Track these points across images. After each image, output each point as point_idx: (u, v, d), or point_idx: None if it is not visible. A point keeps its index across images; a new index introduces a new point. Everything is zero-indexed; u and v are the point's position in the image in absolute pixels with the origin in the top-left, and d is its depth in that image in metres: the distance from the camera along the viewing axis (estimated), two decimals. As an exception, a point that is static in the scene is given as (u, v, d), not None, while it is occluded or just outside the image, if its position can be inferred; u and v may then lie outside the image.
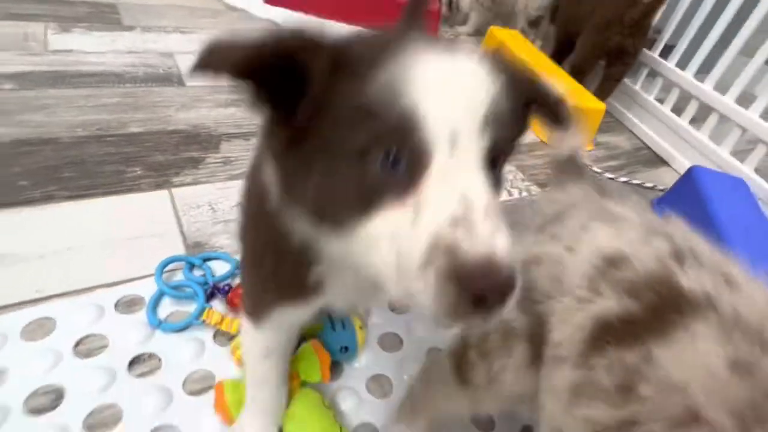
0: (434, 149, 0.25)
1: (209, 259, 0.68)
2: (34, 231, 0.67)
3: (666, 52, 1.42)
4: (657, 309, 0.39)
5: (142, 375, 0.53)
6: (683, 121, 1.33)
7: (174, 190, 0.79)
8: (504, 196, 1.03)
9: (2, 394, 0.48)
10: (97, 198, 0.74)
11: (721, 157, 1.20)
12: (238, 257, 0.68)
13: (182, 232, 0.72)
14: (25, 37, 1.12)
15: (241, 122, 1.01)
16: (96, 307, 0.58)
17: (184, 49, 1.26)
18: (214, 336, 0.59)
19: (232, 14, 1.58)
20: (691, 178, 1.05)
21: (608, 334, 0.40)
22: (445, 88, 0.26)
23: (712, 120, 1.25)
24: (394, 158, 0.25)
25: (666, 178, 1.26)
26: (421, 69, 0.25)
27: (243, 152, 0.93)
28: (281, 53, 0.25)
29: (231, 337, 0.58)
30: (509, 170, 1.11)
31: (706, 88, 1.26)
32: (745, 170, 1.14)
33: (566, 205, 0.55)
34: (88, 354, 0.54)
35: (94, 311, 0.58)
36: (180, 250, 0.69)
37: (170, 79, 1.11)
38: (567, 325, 0.42)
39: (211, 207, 0.77)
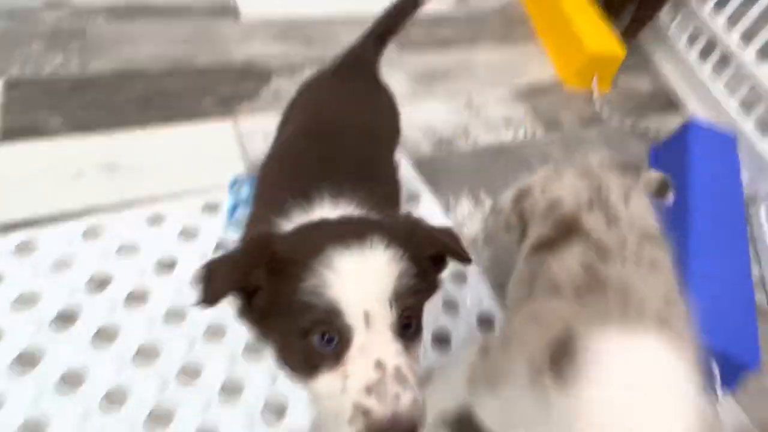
0: (354, 328, 0.35)
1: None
2: (139, 148, 0.90)
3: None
4: (561, 235, 0.60)
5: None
6: (705, 69, 1.38)
7: (237, 119, 1.00)
8: (510, 136, 1.17)
9: (136, 262, 0.75)
10: (182, 123, 0.96)
11: (731, 108, 1.28)
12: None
13: (244, 155, 0.94)
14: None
15: (287, 57, 1.18)
16: (185, 209, 0.82)
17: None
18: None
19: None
20: (685, 130, 1.16)
21: (537, 246, 0.62)
22: (357, 281, 0.35)
23: (730, 71, 1.30)
24: (328, 337, 0.35)
25: (673, 125, 1.35)
26: (337, 268, 0.35)
27: (290, 86, 1.11)
28: (240, 281, 0.37)
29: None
30: (520, 111, 1.24)
31: (732, 38, 1.29)
32: (748, 126, 1.23)
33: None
34: (188, 238, 0.79)
35: (186, 211, 0.82)
36: (242, 168, 0.91)
37: (225, 11, 1.26)
38: (529, 237, 0.65)
39: (266, 135, 0.98)
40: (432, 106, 1.18)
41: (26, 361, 0.63)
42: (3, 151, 0.84)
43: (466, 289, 0.84)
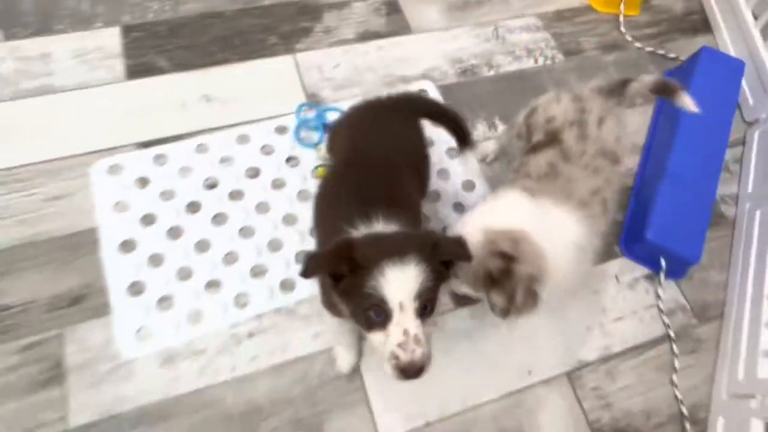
0: (393, 311, 0.57)
1: (327, 108, 1.15)
2: (225, 82, 1.17)
3: None
4: (546, 142, 0.84)
5: (293, 165, 1.07)
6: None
7: (296, 55, 1.23)
8: (531, 63, 1.32)
9: (233, 170, 1.05)
10: (257, 59, 1.21)
11: (755, 34, 1.33)
12: (341, 107, 1.14)
13: (303, 86, 1.18)
14: None
15: (336, -7, 1.35)
16: (263, 130, 1.10)
17: None
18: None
19: None
20: (697, 54, 1.26)
21: (530, 149, 0.87)
22: (397, 285, 0.56)
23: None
24: (378, 314, 0.57)
25: (696, 49, 1.42)
26: (386, 277, 0.56)
27: (338, 22, 1.30)
28: (328, 269, 0.60)
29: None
30: (543, 38, 1.37)
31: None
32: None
33: None
34: (266, 152, 1.08)
35: (263, 132, 1.10)
36: (302, 98, 1.16)
37: (283, -52, 1.42)
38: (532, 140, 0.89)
39: (319, 69, 1.21)
40: (461, 35, 1.34)
41: (173, 233, 0.97)
42: (130, 87, 1.14)
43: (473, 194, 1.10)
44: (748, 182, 1.19)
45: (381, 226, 0.65)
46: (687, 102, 0.89)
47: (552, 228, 0.74)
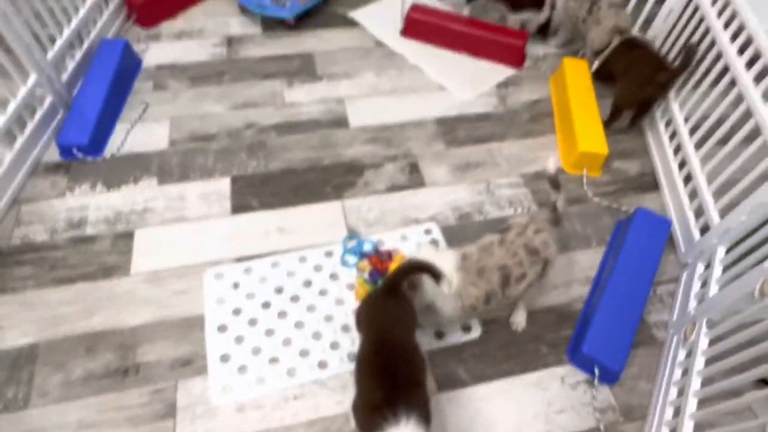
0: None
1: (364, 240, 1.67)
2: (294, 219, 1.72)
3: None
4: (501, 230, 1.36)
5: (335, 280, 1.57)
6: (674, 161, 1.87)
7: (343, 201, 1.78)
8: (510, 211, 1.81)
9: (295, 281, 1.56)
10: (316, 203, 1.77)
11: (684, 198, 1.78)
12: (374, 240, 1.66)
13: (346, 224, 1.72)
14: (273, 94, 2.16)
15: (373, 157, 1.94)
16: (316, 254, 1.62)
17: (350, 93, 2.18)
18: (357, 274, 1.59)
19: (378, 50, 2.41)
20: (634, 213, 1.71)
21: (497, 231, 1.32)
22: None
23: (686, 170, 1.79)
24: None
25: (645, 203, 1.87)
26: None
27: (374, 177, 1.87)
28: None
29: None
30: (523, 193, 1.87)
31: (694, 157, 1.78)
32: (689, 214, 1.72)
33: None
34: (317, 270, 1.59)
35: (317, 255, 1.62)
36: (345, 232, 1.69)
37: (341, 123, 2.06)
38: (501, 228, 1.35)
39: (358, 211, 1.76)
40: (461, 189, 1.86)
41: (251, 322, 1.47)
42: (234, 219, 1.72)
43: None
44: (674, 313, 1.56)
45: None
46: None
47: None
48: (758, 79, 1.51)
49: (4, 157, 1.68)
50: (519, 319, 1.52)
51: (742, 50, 1.60)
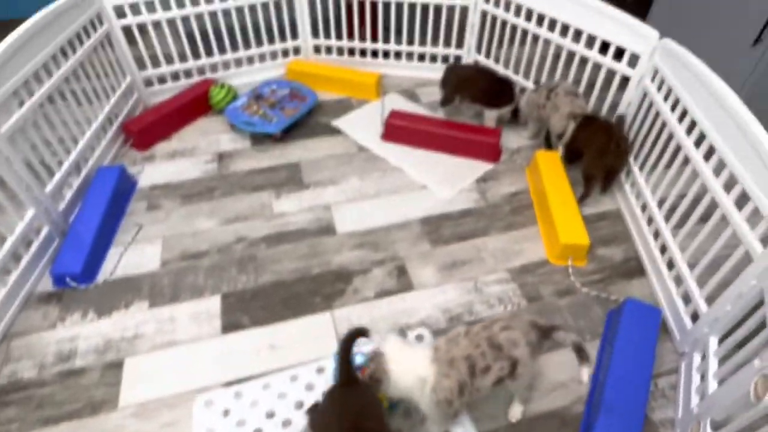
0: None
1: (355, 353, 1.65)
2: (285, 333, 1.72)
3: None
4: (466, 329, 1.29)
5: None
6: (656, 248, 1.91)
7: (333, 311, 1.79)
8: (501, 309, 1.81)
9: (286, 403, 1.52)
10: (307, 315, 1.78)
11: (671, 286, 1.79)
12: (365, 352, 1.64)
13: (337, 335, 1.71)
14: (262, 206, 2.24)
15: (361, 262, 1.98)
16: (308, 371, 1.60)
17: (336, 199, 2.27)
18: (349, 385, 1.56)
19: (361, 155, 2.54)
20: (624, 303, 1.71)
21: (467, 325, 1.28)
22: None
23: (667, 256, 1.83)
24: None
25: (633, 290, 1.88)
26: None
27: (363, 284, 1.89)
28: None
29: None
30: (511, 288, 1.88)
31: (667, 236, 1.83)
32: (676, 297, 1.73)
33: None
34: (309, 389, 1.56)
35: (308, 372, 1.59)
36: (335, 343, 1.68)
37: (328, 230, 2.12)
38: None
39: (348, 320, 1.76)
40: (449, 290, 1.88)
41: (242, 453, 1.41)
42: (225, 339, 1.71)
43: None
44: (678, 409, 1.51)
45: None
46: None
47: (411, 366, 1.26)
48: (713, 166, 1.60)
49: (-3, 294, 1.71)
50: (514, 411, 1.50)
51: (698, 143, 1.71)
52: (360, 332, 1.23)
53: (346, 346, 1.21)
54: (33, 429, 1.47)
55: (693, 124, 1.73)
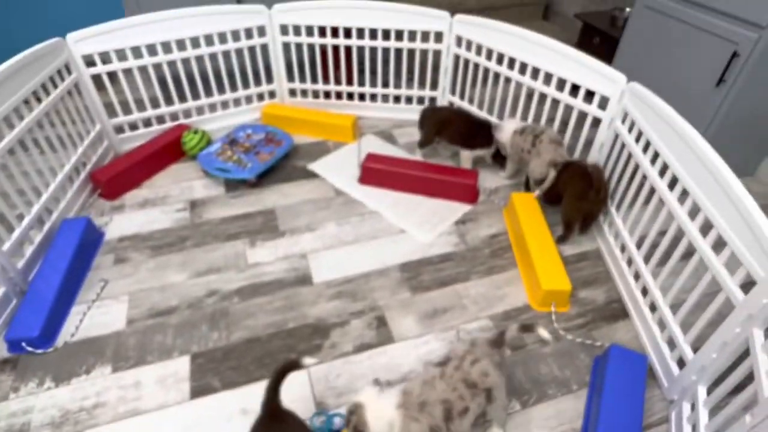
0: None
1: (333, 414, 1.56)
2: (257, 396, 1.62)
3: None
4: (442, 362, 1.28)
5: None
6: (638, 289, 1.89)
7: (309, 370, 1.70)
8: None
9: None
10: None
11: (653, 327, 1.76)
12: (344, 413, 1.55)
13: (313, 395, 1.62)
14: (236, 255, 2.17)
15: (339, 314, 1.90)
16: None
17: (313, 247, 2.21)
18: (327, 452, 1.46)
19: (339, 199, 2.50)
20: (609, 350, 1.67)
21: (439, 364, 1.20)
22: None
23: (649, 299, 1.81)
24: None
25: (618, 334, 1.84)
26: None
27: (341, 338, 1.81)
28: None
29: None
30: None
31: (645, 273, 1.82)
32: (660, 340, 1.70)
33: None
34: (283, 459, 1.45)
35: None
36: (313, 405, 1.58)
37: (305, 280, 2.05)
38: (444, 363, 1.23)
39: (326, 379, 1.67)
40: (431, 340, 1.81)
41: None
42: (193, 405, 1.60)
43: None
44: (672, 463, 1.45)
45: None
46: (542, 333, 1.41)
47: (381, 412, 1.26)
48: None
49: (-57, 365, 1.58)
50: None
51: (666, 180, 1.72)
52: (294, 365, 1.30)
53: (278, 377, 1.26)
54: None
55: (666, 167, 1.74)
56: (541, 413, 1.59)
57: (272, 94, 3.15)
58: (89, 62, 2.49)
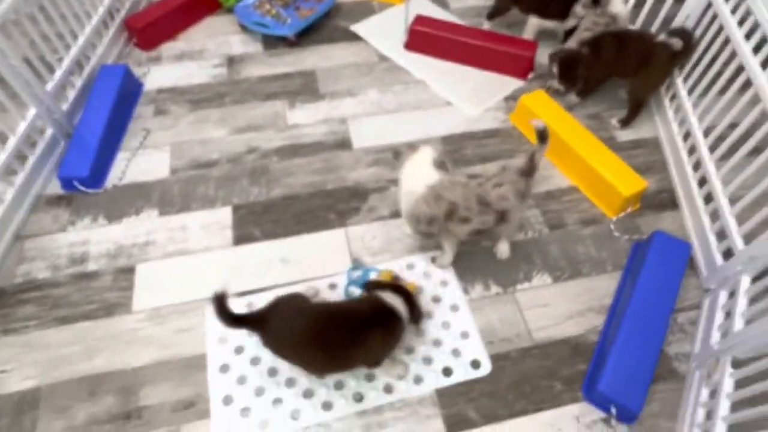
0: None
1: (369, 270, 1.61)
2: (297, 248, 1.68)
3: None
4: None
5: (337, 314, 1.52)
6: (695, 180, 1.77)
7: (347, 228, 1.73)
8: (521, 236, 1.74)
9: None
10: (320, 231, 1.73)
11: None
12: (379, 269, 1.60)
13: (350, 252, 1.67)
14: (275, 115, 2.11)
15: (378, 180, 1.88)
16: (320, 286, 1.58)
17: (354, 112, 2.13)
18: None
19: (382, 65, 2.35)
20: (652, 236, 1.62)
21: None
22: None
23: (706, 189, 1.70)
24: None
25: (664, 224, 1.78)
26: None
27: (379, 202, 1.81)
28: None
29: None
30: (533, 214, 1.79)
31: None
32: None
33: None
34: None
35: (320, 288, 1.57)
36: (349, 261, 1.64)
37: (344, 144, 2.00)
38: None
39: (362, 239, 1.70)
40: (469, 213, 1.79)
41: (254, 361, 1.43)
42: (236, 251, 1.68)
43: (467, 343, 1.48)
44: (696, 344, 1.48)
45: None
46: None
47: (416, 177, 1.45)
48: (784, 95, 1.42)
49: (5, 194, 1.67)
50: (502, 248, 1.66)
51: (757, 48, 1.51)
52: (222, 296, 1.24)
53: (220, 308, 1.24)
54: (50, 327, 1.50)
55: (763, 42, 1.51)
56: (573, 289, 1.61)
57: (314, -58, 2.81)
58: None
